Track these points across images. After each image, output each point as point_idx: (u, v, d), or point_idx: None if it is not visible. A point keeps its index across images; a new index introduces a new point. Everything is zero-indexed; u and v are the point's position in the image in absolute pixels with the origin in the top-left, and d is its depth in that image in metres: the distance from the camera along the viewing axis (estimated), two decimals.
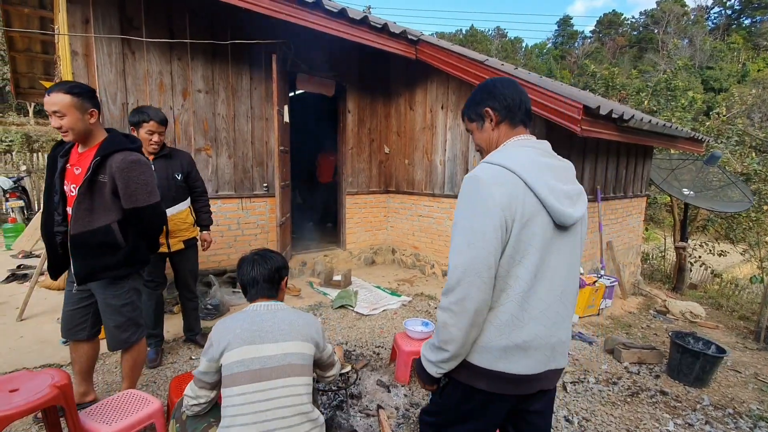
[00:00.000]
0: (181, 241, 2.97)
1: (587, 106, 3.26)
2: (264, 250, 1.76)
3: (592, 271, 5.21)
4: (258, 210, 4.64)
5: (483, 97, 1.30)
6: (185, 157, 3.03)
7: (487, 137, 1.30)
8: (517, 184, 1.10)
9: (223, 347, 1.47)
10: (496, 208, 1.07)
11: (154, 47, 3.83)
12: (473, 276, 1.06)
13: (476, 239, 1.07)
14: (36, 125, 15.31)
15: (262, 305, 1.62)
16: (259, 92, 4.46)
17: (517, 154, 1.18)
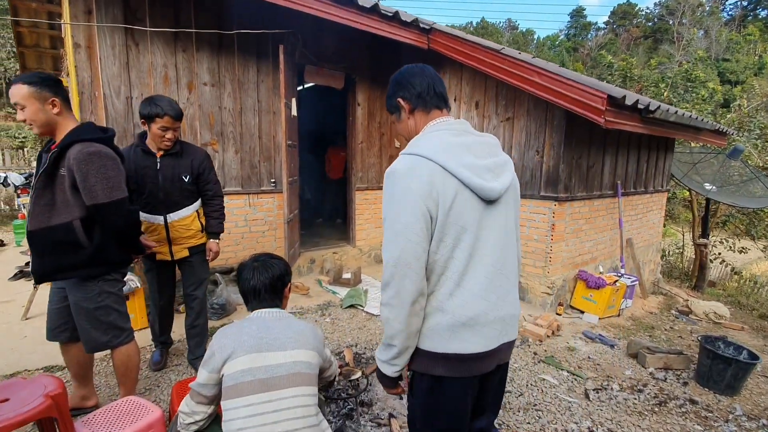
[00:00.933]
0: (186, 248, 2.67)
1: (612, 96, 3.07)
2: (265, 256, 1.67)
3: (612, 269, 5.02)
4: (266, 206, 4.52)
5: (394, 89, 1.34)
6: (198, 156, 2.63)
7: (405, 126, 1.34)
8: (434, 170, 1.11)
9: (227, 356, 1.39)
10: (416, 199, 1.09)
11: (158, 38, 3.71)
12: (404, 268, 1.09)
13: (402, 232, 1.10)
14: None
15: (267, 312, 1.55)
16: (266, 85, 4.33)
17: (430, 139, 1.19)
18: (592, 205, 4.48)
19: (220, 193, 2.76)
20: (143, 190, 2.49)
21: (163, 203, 2.53)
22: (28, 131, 13.73)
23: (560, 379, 3.01)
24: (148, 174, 2.48)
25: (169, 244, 2.62)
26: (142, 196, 2.50)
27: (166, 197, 2.52)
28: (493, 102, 4.41)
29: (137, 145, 2.51)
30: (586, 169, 4.26)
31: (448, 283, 1.15)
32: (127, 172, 2.32)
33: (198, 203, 2.68)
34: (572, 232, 4.27)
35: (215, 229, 2.75)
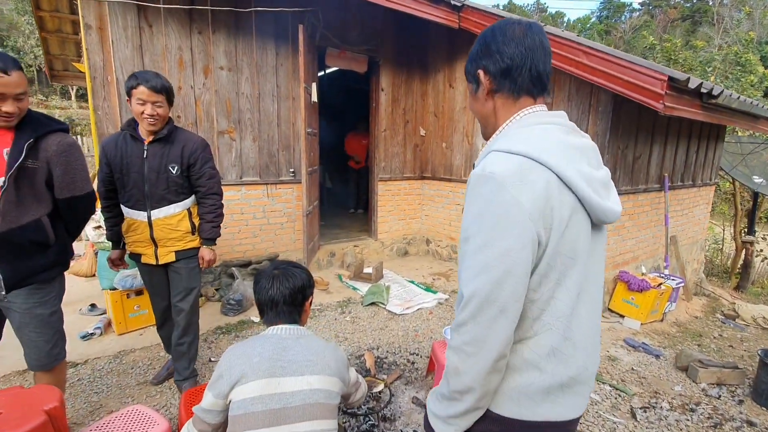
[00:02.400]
0: (172, 251, 2.28)
1: (673, 77, 2.70)
2: (286, 264, 1.49)
3: (654, 269, 4.64)
4: (284, 197, 4.33)
5: (478, 52, 0.97)
6: (191, 144, 2.22)
7: (481, 107, 1.00)
8: (550, 180, 0.83)
9: (236, 379, 1.24)
10: (525, 219, 0.80)
11: (172, 19, 3.51)
12: (494, 309, 0.81)
13: (499, 261, 0.80)
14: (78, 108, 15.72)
15: (284, 329, 1.38)
16: (285, 69, 4.09)
17: (538, 135, 0.87)
18: (636, 200, 4.11)
19: (215, 191, 2.32)
20: (127, 181, 2.17)
21: (148, 198, 2.18)
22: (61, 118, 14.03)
23: (602, 394, 2.74)
24: (134, 163, 2.15)
25: (155, 246, 2.26)
26: (125, 188, 2.19)
27: (151, 191, 2.16)
28: None
29: (125, 130, 2.17)
30: (632, 160, 3.88)
31: (551, 333, 0.88)
32: (112, 161, 2.18)
33: (190, 201, 2.30)
34: (613, 229, 3.92)
35: (207, 234, 2.31)
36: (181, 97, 3.64)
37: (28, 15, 15.02)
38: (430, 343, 3.21)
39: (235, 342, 3.14)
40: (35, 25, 6.35)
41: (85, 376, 2.65)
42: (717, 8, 35.87)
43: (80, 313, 3.51)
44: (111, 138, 2.21)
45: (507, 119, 0.95)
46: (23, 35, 15.58)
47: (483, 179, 0.83)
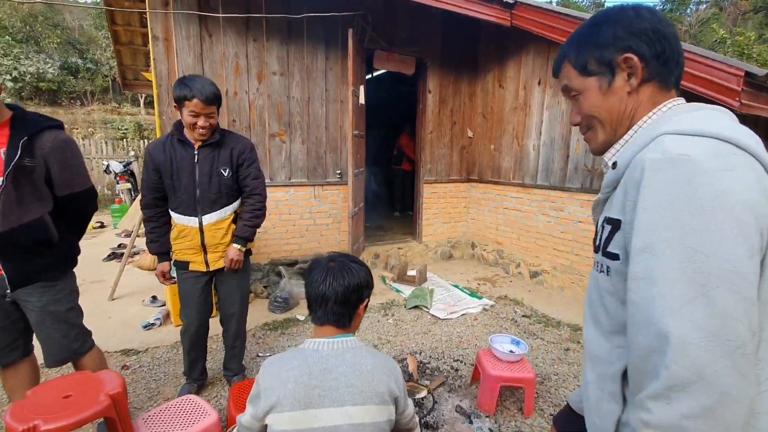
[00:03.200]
0: (223, 257, 2.23)
1: (751, 72, 2.44)
2: (344, 258, 1.29)
3: None
4: (330, 198, 4.41)
5: (617, 32, 0.77)
6: (239, 145, 2.20)
7: (617, 105, 0.79)
8: (757, 169, 0.62)
9: (271, 405, 1.09)
10: (748, 217, 0.57)
11: (230, 28, 3.69)
12: (730, 353, 0.55)
13: (721, 279, 0.56)
14: (147, 115, 17.01)
15: (325, 344, 1.18)
16: (334, 72, 4.17)
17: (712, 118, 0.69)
18: None
19: (258, 192, 2.25)
20: (178, 186, 2.13)
21: (199, 202, 2.15)
22: (129, 123, 15.24)
23: None
24: (185, 168, 2.11)
25: (204, 252, 2.21)
26: (176, 193, 2.15)
27: (202, 195, 2.14)
28: None
29: (172, 135, 2.13)
30: None
31: None
32: (161, 166, 2.14)
33: (238, 203, 2.27)
34: None
35: (239, 232, 2.21)
36: (236, 102, 3.81)
37: (105, 29, 16.49)
38: (475, 350, 3.12)
39: (280, 339, 3.24)
40: (111, 38, 6.94)
41: (145, 363, 2.84)
42: None
43: (143, 305, 3.77)
44: (157, 143, 2.16)
45: (646, 114, 0.78)
46: (100, 48, 17.10)
47: (669, 163, 0.62)
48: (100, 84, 17.58)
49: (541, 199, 4.40)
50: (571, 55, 0.85)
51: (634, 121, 0.80)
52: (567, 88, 0.87)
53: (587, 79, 0.82)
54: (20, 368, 1.93)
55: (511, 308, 4.01)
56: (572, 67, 0.84)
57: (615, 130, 0.82)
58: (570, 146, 4.05)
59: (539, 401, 2.58)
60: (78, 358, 1.92)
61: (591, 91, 0.82)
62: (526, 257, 4.69)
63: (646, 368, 0.62)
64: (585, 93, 0.83)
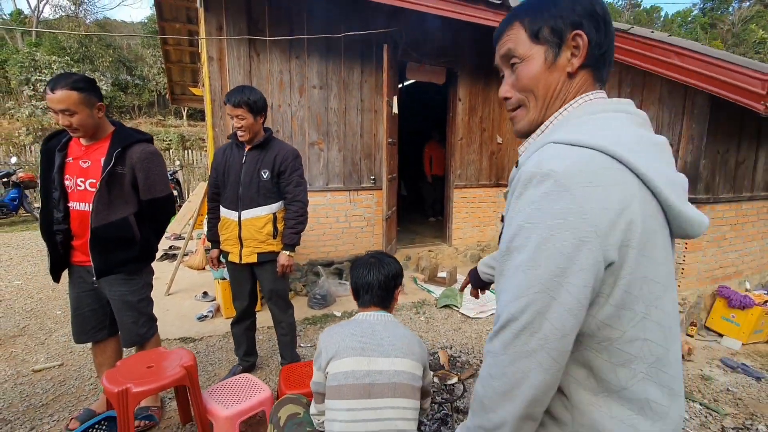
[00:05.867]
0: (255, 253, 2.46)
1: None
2: (380, 254, 1.64)
3: (762, 286, 4.14)
4: (365, 202, 4.66)
5: (576, 7, 0.75)
6: (283, 153, 2.43)
7: (555, 82, 0.77)
8: (627, 183, 0.65)
9: (331, 355, 1.40)
10: (589, 233, 0.62)
11: (275, 47, 4.04)
12: (533, 344, 0.64)
13: (545, 285, 0.64)
14: (188, 126, 18.04)
15: (373, 315, 1.52)
16: (369, 84, 4.44)
17: (612, 125, 0.71)
18: (739, 209, 3.74)
19: (300, 198, 2.47)
20: (227, 182, 2.46)
21: (241, 199, 2.42)
22: (173, 135, 16.23)
23: (691, 412, 2.58)
24: (234, 167, 2.43)
25: (240, 245, 2.46)
26: (225, 189, 2.48)
27: (244, 193, 2.41)
28: (615, 90, 3.92)
29: (231, 139, 2.50)
30: (734, 165, 3.56)
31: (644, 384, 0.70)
32: (218, 166, 2.48)
33: (277, 206, 2.48)
34: (712, 240, 3.61)
35: (286, 240, 2.46)
36: (280, 114, 4.15)
37: (152, 48, 17.64)
38: None
39: (320, 333, 3.49)
40: (161, 56, 7.56)
41: (201, 350, 3.16)
42: None
43: (195, 299, 4.13)
44: (222, 147, 2.56)
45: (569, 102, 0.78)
46: (147, 65, 18.32)
47: (538, 178, 0.66)
48: (147, 98, 18.79)
49: None
50: (524, 18, 0.79)
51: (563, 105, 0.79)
52: (509, 54, 0.81)
53: (536, 46, 0.78)
54: (108, 346, 2.27)
55: None
56: (524, 30, 0.79)
57: (546, 109, 0.80)
58: None
59: None
60: (144, 342, 2.20)
61: (535, 61, 0.78)
62: None
63: None
64: (529, 61, 0.79)
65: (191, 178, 12.68)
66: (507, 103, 0.85)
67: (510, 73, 0.83)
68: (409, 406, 1.39)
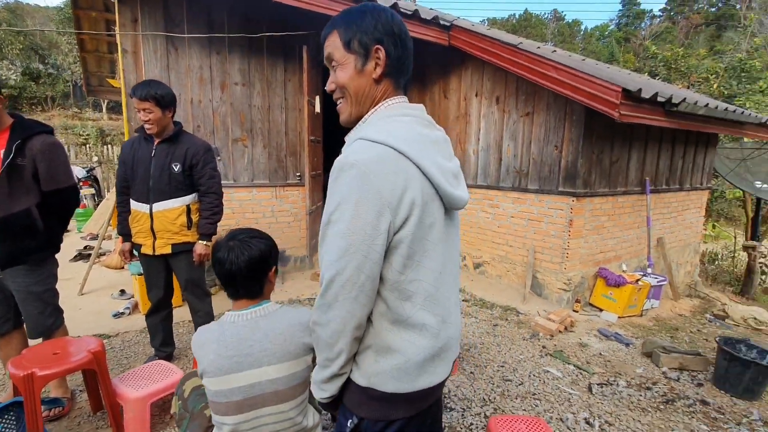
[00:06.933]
0: (169, 244, 2.52)
1: (626, 89, 3.03)
2: (245, 232, 1.42)
3: (639, 269, 4.87)
4: (291, 198, 4.79)
5: (378, 27, 0.95)
6: (194, 147, 2.49)
7: (364, 85, 0.97)
8: (409, 171, 0.89)
9: (201, 371, 1.32)
10: (383, 209, 0.86)
11: (194, 42, 4.05)
12: (356, 290, 0.88)
13: (359, 246, 0.86)
14: (109, 120, 16.79)
15: (239, 316, 1.36)
16: (293, 84, 4.58)
17: (401, 126, 0.93)
18: (615, 202, 4.39)
19: (214, 190, 2.57)
20: (136, 176, 2.47)
21: (152, 191, 2.45)
22: (91, 129, 15.03)
23: (565, 372, 3.04)
24: (143, 160, 2.45)
25: (153, 237, 2.51)
26: (134, 182, 2.49)
27: (155, 186, 2.44)
28: (514, 97, 4.41)
29: (139, 132, 2.49)
30: (608, 164, 4.18)
31: (419, 312, 0.95)
32: (126, 159, 2.50)
33: (190, 198, 2.54)
34: (592, 228, 4.21)
35: (202, 230, 2.55)
36: (201, 110, 4.16)
37: (68, 35, 16.22)
38: None
39: None
40: (75, 45, 7.07)
41: (116, 345, 3.13)
42: (744, 12, 35.00)
43: (112, 298, 4.03)
44: (129, 140, 2.57)
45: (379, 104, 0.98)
46: (62, 53, 16.81)
47: (347, 167, 0.86)
48: (62, 89, 17.23)
49: (480, 198, 4.93)
50: (340, 28, 0.97)
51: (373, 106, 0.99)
52: (330, 57, 0.99)
53: (348, 54, 0.96)
54: (12, 338, 2.25)
55: None
56: (340, 39, 0.96)
57: (360, 107, 0.99)
58: (502, 151, 4.61)
59: (463, 363, 3.06)
60: (50, 333, 2.21)
61: (349, 66, 0.96)
62: (471, 251, 5.21)
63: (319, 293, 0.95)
64: (344, 66, 0.97)
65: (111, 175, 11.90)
66: (334, 95, 1.02)
67: (333, 72, 1.00)
68: (291, 407, 1.36)
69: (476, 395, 2.66)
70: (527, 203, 4.39)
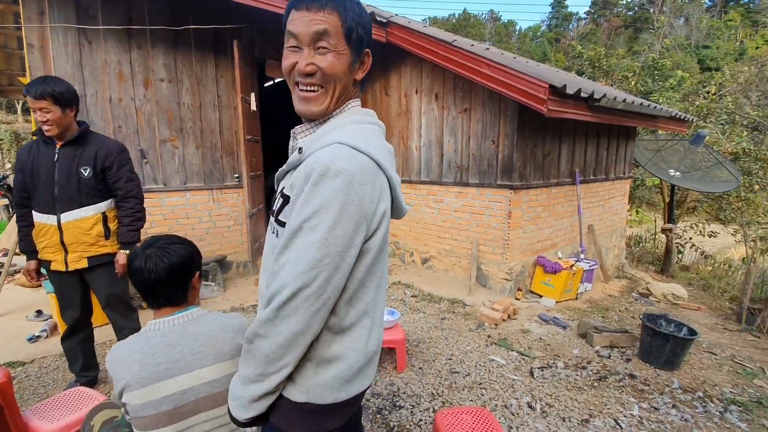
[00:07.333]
0: (84, 257, 2.27)
1: (553, 85, 3.18)
2: (164, 238, 1.33)
3: (573, 255, 5.18)
4: (231, 201, 4.57)
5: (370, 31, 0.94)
6: (106, 148, 2.24)
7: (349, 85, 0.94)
8: (383, 183, 0.88)
9: (122, 387, 1.19)
10: (361, 221, 0.83)
11: (111, 36, 3.72)
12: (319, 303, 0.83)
13: (332, 259, 0.81)
14: (25, 123, 15.16)
15: (165, 322, 1.27)
16: (225, 80, 4.36)
17: (372, 135, 0.91)
18: (549, 193, 4.62)
19: (134, 194, 2.34)
20: (38, 184, 2.19)
21: (58, 200, 2.19)
22: (4, 133, 13.48)
23: (509, 359, 3.15)
24: (44, 166, 2.17)
25: (64, 251, 2.24)
26: (36, 191, 2.21)
27: (61, 193, 2.17)
28: (452, 94, 4.50)
29: (37, 136, 2.22)
30: (541, 157, 4.39)
31: (363, 319, 0.94)
32: (24, 166, 2.21)
33: (105, 204, 2.31)
34: (530, 219, 4.40)
35: (123, 238, 2.32)
36: (122, 108, 3.83)
37: None
38: None
39: None
40: None
41: (32, 373, 2.81)
42: (657, 15, 38.63)
43: (27, 320, 3.62)
44: (26, 145, 2.26)
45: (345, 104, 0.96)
46: None
47: (333, 173, 0.80)
48: None
49: (425, 193, 5.00)
50: (344, 15, 0.88)
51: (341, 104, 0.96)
52: (323, 35, 0.87)
53: (347, 46, 0.89)
54: None
55: (402, 291, 4.53)
56: (342, 25, 0.87)
57: (337, 104, 0.94)
58: (443, 146, 4.70)
59: (412, 359, 3.07)
60: None
61: (345, 58, 0.90)
62: (418, 246, 5.27)
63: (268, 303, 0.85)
64: (341, 55, 0.89)
65: None
66: (307, 79, 0.90)
67: (312, 53, 0.88)
68: None
69: (425, 390, 2.68)
70: (469, 197, 4.50)
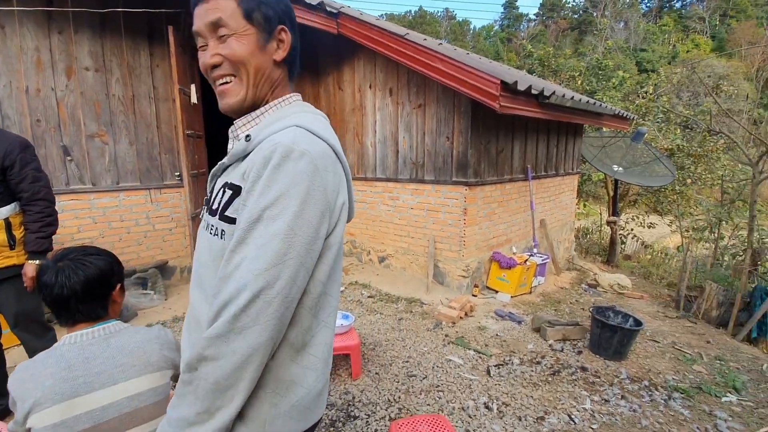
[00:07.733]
0: None
1: (505, 81, 3.16)
2: (78, 250, 1.21)
3: (526, 249, 5.27)
4: (171, 201, 4.22)
5: (281, 4, 0.83)
6: (5, 145, 2.00)
7: (265, 65, 0.82)
8: (342, 173, 0.81)
9: (29, 408, 1.04)
10: (325, 209, 0.73)
11: (28, 19, 3.29)
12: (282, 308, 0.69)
13: (298, 253, 0.69)
14: None
15: (83, 335, 1.14)
16: (162, 70, 4.01)
17: (323, 125, 0.82)
18: (503, 189, 4.66)
19: (42, 196, 2.08)
20: None
21: None
22: None
23: (466, 358, 3.11)
24: None
25: None
26: None
27: None
28: (406, 89, 4.41)
29: None
30: (495, 154, 4.40)
31: (325, 330, 0.83)
32: None
33: (8, 209, 2.05)
34: (485, 215, 4.41)
35: (32, 247, 2.05)
36: (40, 100, 3.41)
37: None
38: None
39: None
40: None
41: None
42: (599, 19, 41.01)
43: None
44: None
45: (281, 97, 0.86)
46: None
47: (297, 154, 0.70)
48: None
49: (381, 191, 4.89)
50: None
51: (274, 95, 0.86)
52: (218, 23, 0.78)
53: (249, 26, 0.79)
54: None
55: (359, 291, 4.40)
56: (236, 4, 0.78)
57: (257, 90, 0.83)
58: (399, 143, 4.61)
59: (369, 364, 2.96)
60: None
61: (250, 39, 0.79)
62: (374, 245, 5.15)
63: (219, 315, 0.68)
64: (243, 37, 0.79)
65: None
66: (216, 71, 0.81)
67: (217, 44, 0.80)
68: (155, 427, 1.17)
69: (381, 397, 2.57)
70: (425, 194, 4.44)
